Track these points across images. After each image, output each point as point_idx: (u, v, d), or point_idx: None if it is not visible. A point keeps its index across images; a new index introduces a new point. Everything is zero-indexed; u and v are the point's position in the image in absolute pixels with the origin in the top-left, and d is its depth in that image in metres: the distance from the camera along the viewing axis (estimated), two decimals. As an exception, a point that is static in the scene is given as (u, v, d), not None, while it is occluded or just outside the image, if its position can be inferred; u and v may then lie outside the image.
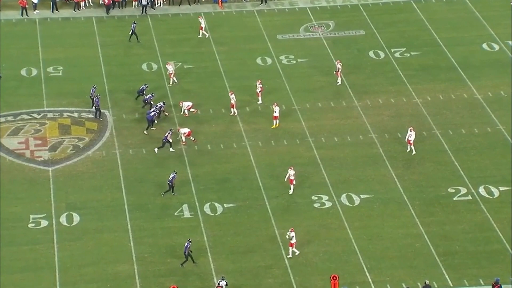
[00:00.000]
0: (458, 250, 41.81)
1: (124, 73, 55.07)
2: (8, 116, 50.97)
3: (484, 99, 52.31)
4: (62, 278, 40.40)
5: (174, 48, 57.42)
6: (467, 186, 45.68)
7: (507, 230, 42.84)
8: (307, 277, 40.32)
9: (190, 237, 41.99)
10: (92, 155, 48.12)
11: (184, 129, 48.65)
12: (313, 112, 51.32)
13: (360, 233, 42.74)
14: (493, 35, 58.37)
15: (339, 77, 53.37)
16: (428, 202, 44.69)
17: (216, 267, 40.91)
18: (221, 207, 44.53)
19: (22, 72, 55.07)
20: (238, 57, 56.67)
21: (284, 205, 44.59)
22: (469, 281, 40.02)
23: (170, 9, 61.76)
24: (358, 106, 51.86)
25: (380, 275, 40.39)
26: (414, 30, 58.96)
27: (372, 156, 47.81)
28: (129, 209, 44.38)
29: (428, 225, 42.94)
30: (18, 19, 60.34)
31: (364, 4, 62.12)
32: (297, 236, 42.41)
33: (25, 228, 43.18)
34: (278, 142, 48.97)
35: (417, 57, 56.14)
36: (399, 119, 50.69)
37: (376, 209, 44.32)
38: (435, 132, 49.66)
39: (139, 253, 41.68)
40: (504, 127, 49.93)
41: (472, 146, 48.55)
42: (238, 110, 50.68)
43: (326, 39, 58.46)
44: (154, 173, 46.71)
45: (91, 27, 59.61)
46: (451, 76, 54.45)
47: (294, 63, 55.60)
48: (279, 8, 61.89)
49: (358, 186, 45.65)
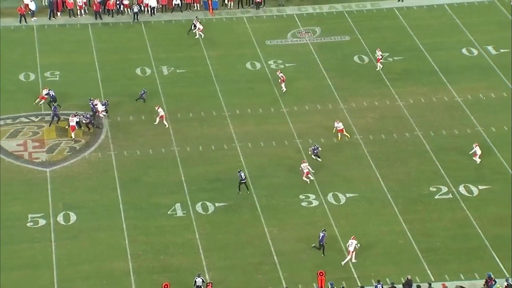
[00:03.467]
0: (440, 246, 41.90)
1: (119, 78, 54.97)
2: (7, 119, 50.82)
3: (463, 101, 52.45)
4: (59, 275, 40.31)
5: (167, 53, 57.37)
6: (448, 185, 45.78)
7: (486, 227, 42.96)
8: (295, 273, 40.34)
9: (183, 234, 41.98)
10: (88, 157, 48.01)
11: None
12: (301, 114, 51.34)
13: (345, 230, 42.76)
14: (472, 40, 58.53)
15: (379, 64, 54.70)
16: (411, 200, 44.76)
17: (207, 264, 40.89)
18: (212, 206, 44.49)
19: (21, 77, 54.92)
20: (229, 62, 56.66)
21: (273, 204, 44.59)
22: (450, 276, 40.13)
23: (163, 16, 61.69)
24: (344, 108, 51.91)
25: (365, 271, 40.45)
26: (396, 36, 59.08)
27: (357, 157, 47.87)
28: (123, 209, 44.30)
29: (410, 222, 43.02)
30: (17, 26, 60.19)
31: (349, 11, 62.20)
32: (285, 233, 42.49)
33: (24, 227, 43.06)
34: (266, 144, 48.95)
35: (400, 62, 56.24)
36: (383, 121, 50.76)
37: (361, 208, 44.37)
38: (417, 133, 49.74)
39: (134, 251, 41.61)
40: (483, 128, 50.07)
41: (453, 147, 48.66)
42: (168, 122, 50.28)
43: (313, 44, 58.51)
44: (148, 174, 46.64)
45: (87, 34, 59.49)
46: (432, 80, 54.57)
47: (282, 67, 55.59)
48: (267, 15, 61.92)
49: (344, 186, 45.69)
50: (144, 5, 61.47)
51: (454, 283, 39.32)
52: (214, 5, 62.06)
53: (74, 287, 39.71)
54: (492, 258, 41.19)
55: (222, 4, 62.64)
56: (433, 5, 62.71)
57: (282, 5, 62.78)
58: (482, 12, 62.02)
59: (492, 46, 57.76)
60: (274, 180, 46.00)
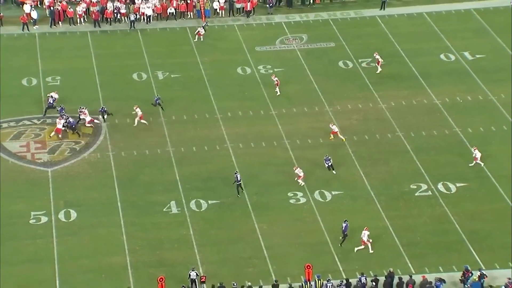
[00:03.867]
0: (420, 241, 41.93)
1: (116, 82, 54.83)
2: (10, 121, 50.63)
3: (442, 104, 52.51)
4: (60, 269, 40.18)
5: (162, 59, 57.26)
6: (427, 182, 45.82)
7: (463, 222, 43.03)
8: (284, 266, 40.31)
9: (178, 230, 41.91)
10: (88, 157, 47.87)
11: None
12: (289, 116, 51.31)
13: (331, 226, 42.76)
14: (449, 46, 58.62)
15: (379, 67, 54.86)
16: (393, 197, 44.79)
17: (201, 258, 40.82)
18: (205, 203, 44.41)
19: (23, 81, 54.72)
20: (220, 67, 56.58)
21: (263, 201, 44.54)
22: (430, 268, 40.17)
23: (158, 24, 61.58)
24: (329, 111, 51.91)
25: (350, 264, 40.45)
26: (379, 42, 59.11)
27: (342, 156, 47.86)
28: (121, 206, 44.18)
29: (392, 218, 43.03)
30: (20, 34, 59.98)
31: (333, 19, 62.23)
32: (274, 229, 42.46)
33: (27, 224, 42.90)
34: (256, 144, 48.91)
35: (382, 67, 56.24)
36: (366, 123, 50.78)
37: (346, 204, 44.37)
38: (398, 134, 49.77)
39: (131, 246, 41.51)
40: (460, 129, 50.13)
41: (432, 147, 48.72)
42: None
43: (300, 50, 58.49)
44: (144, 173, 46.53)
45: (86, 41, 59.33)
46: (413, 83, 54.62)
47: (271, 72, 55.55)
48: (257, 22, 61.89)
49: (329, 184, 45.68)
50: (140, 14, 61.38)
51: (433, 275, 39.36)
52: (206, 13, 62.01)
53: (75, 281, 39.60)
54: (469, 251, 41.25)
55: (214, 13, 62.60)
56: (413, 13, 62.82)
57: (271, 14, 62.77)
58: (458, 20, 62.14)
59: (468, 52, 57.87)
60: (263, 179, 45.95)
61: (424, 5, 63.67)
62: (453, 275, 39.53)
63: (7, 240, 41.69)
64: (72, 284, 39.33)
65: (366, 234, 40.88)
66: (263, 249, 41.48)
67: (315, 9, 63.32)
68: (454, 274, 39.63)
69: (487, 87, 53.95)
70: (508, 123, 50.49)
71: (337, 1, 64.53)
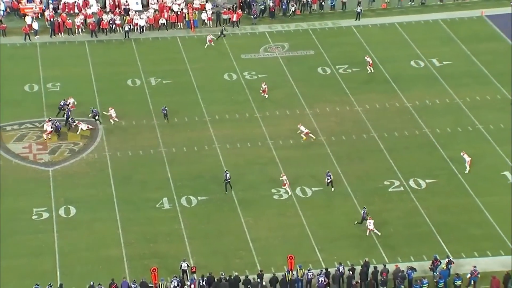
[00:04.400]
0: (393, 232, 42.08)
1: (112, 88, 54.66)
2: (14, 125, 50.39)
3: (412, 107, 52.72)
4: (61, 261, 40.04)
5: (154, 67, 57.13)
6: (399, 179, 45.99)
7: (433, 215, 43.22)
8: (268, 257, 40.35)
9: (170, 225, 41.87)
10: (86, 157, 47.71)
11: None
12: (272, 118, 51.35)
13: (312, 220, 42.85)
14: (419, 54, 58.86)
15: (371, 68, 55.35)
16: (368, 193, 44.92)
17: (191, 250, 40.79)
18: (195, 199, 44.38)
19: (26, 88, 54.45)
20: (208, 73, 56.54)
21: (248, 197, 44.55)
22: (402, 258, 40.32)
23: (151, 34, 61.46)
24: (309, 113, 52.00)
25: (329, 255, 40.52)
26: (354, 50, 59.25)
27: (321, 155, 47.95)
28: (117, 203, 44.07)
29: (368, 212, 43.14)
30: (22, 43, 59.68)
31: (313, 29, 62.35)
32: (259, 223, 42.49)
33: (29, 219, 42.73)
34: (242, 145, 48.93)
35: (358, 73, 56.43)
36: (343, 124, 50.91)
37: (325, 200, 44.45)
38: (373, 135, 49.93)
39: (127, 239, 41.42)
40: (429, 130, 50.36)
41: (403, 146, 48.89)
42: (116, 122, 50.25)
43: (282, 58, 58.55)
44: (138, 172, 46.43)
45: (84, 50, 59.12)
46: (386, 88, 54.79)
47: (255, 78, 55.60)
48: (242, 32, 61.91)
49: (310, 181, 45.75)
50: (134, 24, 61.26)
51: (405, 264, 39.50)
52: (195, 24, 61.98)
53: (74, 272, 39.47)
54: (438, 242, 41.46)
55: (202, 23, 62.55)
56: (385, 23, 63.06)
57: (255, 24, 62.81)
58: (427, 29, 62.40)
59: (436, 59, 58.12)
60: (249, 177, 45.97)
61: (396, 16, 63.94)
62: (423, 264, 39.69)
63: (11, 234, 41.50)
64: (72, 275, 39.19)
65: (371, 223, 40.99)
66: (249, 241, 41.49)
67: (295, 20, 63.42)
68: (424, 263, 39.80)
69: (453, 91, 54.22)
70: (473, 124, 50.79)
71: (316, 13, 64.67)
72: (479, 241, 41.34)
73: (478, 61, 57.51)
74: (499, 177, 45.92)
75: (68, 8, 62.82)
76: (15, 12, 63.29)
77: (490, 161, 47.12)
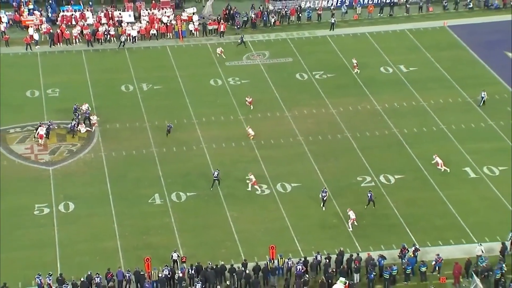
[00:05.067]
0: (365, 224, 42.17)
1: (107, 93, 54.31)
2: (16, 128, 49.97)
3: (382, 109, 52.84)
4: (61, 253, 39.80)
5: (146, 73, 56.85)
6: (371, 175, 46.09)
7: (401, 208, 43.37)
8: (252, 248, 40.30)
9: (161, 218, 41.70)
10: (83, 157, 47.40)
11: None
12: (254, 120, 51.25)
13: (291, 213, 42.84)
14: (388, 61, 58.95)
15: (356, 69, 55.79)
16: (342, 188, 44.97)
17: (181, 242, 40.66)
18: (184, 195, 44.23)
19: (27, 93, 54.00)
20: (196, 79, 56.34)
21: (233, 193, 44.47)
22: (373, 247, 40.46)
23: (142, 43, 61.16)
24: (289, 116, 51.97)
25: (307, 245, 40.56)
26: (329, 58, 59.29)
27: (300, 154, 47.96)
28: (113, 199, 43.83)
29: (342, 205, 43.20)
30: (24, 53, 59.17)
31: (291, 38, 62.31)
32: (243, 217, 42.42)
33: (31, 215, 42.42)
34: (227, 145, 48.83)
35: (332, 78, 56.49)
36: (320, 125, 50.93)
37: (304, 195, 44.45)
38: (346, 135, 49.99)
39: (121, 232, 41.22)
40: (397, 130, 50.50)
41: (374, 145, 48.99)
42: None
43: (263, 65, 58.49)
44: (132, 170, 46.20)
45: (81, 58, 58.71)
46: (358, 92, 54.87)
47: (239, 83, 55.50)
48: (226, 41, 61.73)
49: (289, 177, 45.73)
50: (127, 35, 60.96)
51: (376, 252, 39.62)
52: (183, 34, 61.76)
53: (73, 263, 39.22)
54: (406, 232, 41.60)
55: (189, 34, 62.33)
56: (357, 33, 63.15)
57: (239, 34, 62.71)
58: (395, 38, 62.53)
59: (403, 65, 58.27)
60: (233, 174, 45.87)
61: (366, 26, 64.07)
62: (392, 252, 39.84)
63: (15, 229, 41.18)
64: (71, 266, 38.94)
65: (352, 212, 40.86)
66: (234, 233, 41.42)
67: (275, 30, 63.36)
68: (393, 251, 39.94)
69: (419, 94, 54.41)
70: (437, 125, 51.01)
71: (294, 23, 64.64)
72: (442, 231, 41.53)
73: (441, 67, 57.76)
74: (461, 172, 46.16)
75: (66, 20, 62.38)
76: (17, 24, 62.78)
77: (453, 158, 47.34)
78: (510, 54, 59.29)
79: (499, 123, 50.74)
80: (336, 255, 39.07)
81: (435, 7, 66.42)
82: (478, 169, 46.18)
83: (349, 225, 41.14)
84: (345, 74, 57.06)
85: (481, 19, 64.60)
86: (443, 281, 38.34)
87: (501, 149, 48.10)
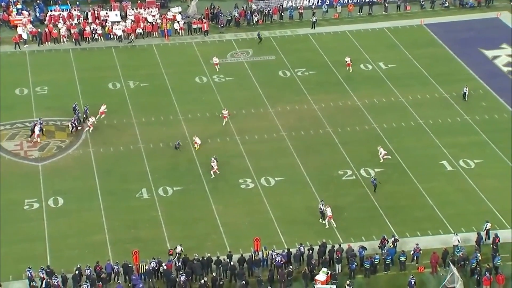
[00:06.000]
0: (347, 216, 42.36)
1: (95, 91, 54.07)
2: (6, 125, 49.64)
3: (362, 105, 53.06)
4: (51, 246, 39.65)
5: (133, 71, 56.66)
6: (352, 169, 46.28)
7: (381, 200, 43.56)
8: (237, 240, 40.36)
9: (149, 212, 41.65)
10: (72, 153, 47.21)
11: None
12: (239, 117, 51.29)
13: (275, 206, 42.94)
14: (367, 58, 59.04)
15: (350, 68, 55.63)
16: (324, 181, 45.14)
17: (168, 235, 40.64)
18: (171, 189, 44.18)
19: (16, 91, 53.64)
20: (181, 77, 56.24)
21: (218, 187, 44.50)
22: (355, 238, 40.65)
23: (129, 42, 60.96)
24: (272, 112, 52.05)
25: (291, 237, 40.67)
26: (311, 55, 59.41)
27: (283, 149, 48.06)
28: (101, 193, 43.70)
29: (324, 199, 43.30)
30: (13, 52, 58.75)
31: (274, 36, 62.35)
32: (229, 210, 42.45)
33: (21, 210, 42.21)
34: (213, 140, 48.82)
35: (314, 75, 56.62)
36: (302, 121, 51.05)
37: (287, 188, 44.57)
38: (328, 130, 50.16)
39: (110, 226, 41.12)
40: (377, 125, 50.72)
41: (355, 140, 49.19)
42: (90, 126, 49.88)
43: (247, 62, 58.49)
44: (119, 166, 46.09)
45: (69, 57, 58.38)
46: (339, 88, 55.03)
47: (223, 81, 55.48)
48: (211, 40, 61.67)
49: (273, 171, 45.82)
50: (113, 34, 60.67)
51: (357, 243, 39.82)
52: (169, 33, 61.60)
53: (63, 256, 39.08)
54: (386, 223, 41.85)
55: (175, 32, 62.19)
56: (337, 31, 63.31)
57: (222, 33, 62.66)
58: (374, 37, 62.81)
59: (382, 62, 58.52)
60: (219, 169, 45.85)
61: (346, 25, 64.26)
62: (373, 243, 40.03)
63: (5, 223, 40.94)
64: (61, 259, 38.79)
65: (329, 210, 40.78)
66: (219, 226, 41.46)
67: (258, 28, 63.33)
68: (374, 242, 40.14)
69: (397, 91, 54.67)
70: (415, 120, 51.32)
71: (276, 22, 64.70)
72: (421, 222, 41.83)
73: (419, 64, 58.07)
74: (438, 166, 46.50)
75: (54, 19, 61.99)
76: (5, 24, 62.28)
77: (430, 152, 47.68)
78: (484, 51, 59.78)
79: (474, 117, 51.15)
80: (319, 247, 39.18)
81: (413, 6, 66.76)
82: (455, 162, 46.54)
83: (325, 222, 41.19)
84: (326, 71, 57.16)
85: (456, 17, 65.05)
86: (421, 270, 38.65)
87: (476, 143, 48.52)
